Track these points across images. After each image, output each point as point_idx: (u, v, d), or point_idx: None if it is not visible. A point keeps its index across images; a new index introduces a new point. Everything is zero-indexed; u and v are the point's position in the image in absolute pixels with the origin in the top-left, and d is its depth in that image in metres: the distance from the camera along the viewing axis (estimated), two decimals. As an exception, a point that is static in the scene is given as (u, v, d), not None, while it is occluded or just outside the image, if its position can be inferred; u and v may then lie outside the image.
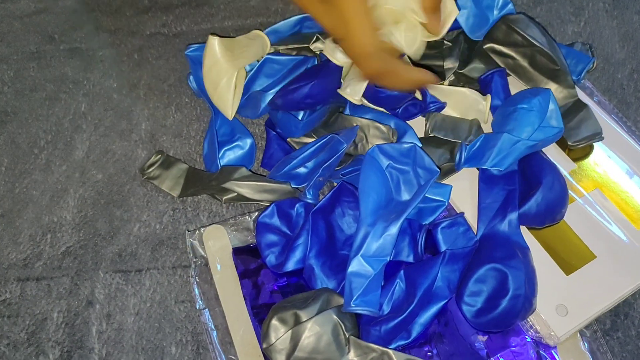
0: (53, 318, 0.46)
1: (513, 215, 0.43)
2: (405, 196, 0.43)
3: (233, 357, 0.42)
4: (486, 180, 0.45)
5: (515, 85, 0.50)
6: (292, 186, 0.47)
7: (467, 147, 0.44)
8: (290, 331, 0.38)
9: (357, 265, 0.41)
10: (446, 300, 0.41)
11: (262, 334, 0.40)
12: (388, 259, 0.41)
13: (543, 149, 0.47)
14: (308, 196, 0.46)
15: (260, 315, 0.43)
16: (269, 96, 0.49)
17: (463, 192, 0.46)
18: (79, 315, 0.46)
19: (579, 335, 0.42)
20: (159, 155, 0.51)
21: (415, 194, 0.42)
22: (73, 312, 0.46)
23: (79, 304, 0.46)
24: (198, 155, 0.52)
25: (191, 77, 0.53)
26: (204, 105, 0.55)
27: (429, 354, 0.41)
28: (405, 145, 0.43)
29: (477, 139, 0.44)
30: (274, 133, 0.51)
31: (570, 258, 0.43)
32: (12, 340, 0.45)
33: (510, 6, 0.52)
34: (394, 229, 0.40)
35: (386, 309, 0.41)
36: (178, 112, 0.54)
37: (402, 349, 0.40)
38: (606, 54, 0.56)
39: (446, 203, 0.44)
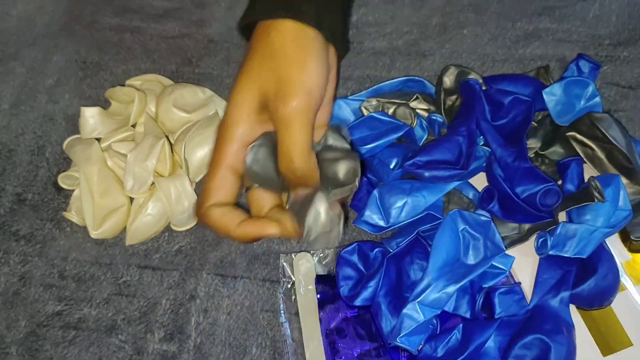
0: (162, 304, 0.56)
1: (565, 294, 0.49)
2: (471, 260, 0.50)
3: (304, 368, 0.50)
4: (547, 257, 0.51)
5: (589, 172, 0.55)
6: (370, 232, 0.55)
7: (552, 237, 0.50)
8: None
9: (411, 309, 0.48)
10: None
11: None
12: (439, 312, 0.48)
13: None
14: (394, 247, 0.54)
15: (330, 336, 0.51)
16: (362, 151, 0.57)
17: (523, 263, 0.52)
18: (182, 306, 0.55)
19: (605, 411, 0.47)
20: None
21: (480, 263, 0.49)
22: (178, 302, 0.56)
23: (184, 296, 0.56)
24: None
25: None
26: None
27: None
28: (483, 218, 0.49)
29: (557, 227, 0.50)
30: (365, 178, 0.59)
31: (610, 340, 0.48)
32: (128, 316, 0.55)
33: (597, 98, 0.57)
34: (452, 289, 0.47)
35: (440, 352, 0.48)
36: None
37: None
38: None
39: (507, 272, 0.50)
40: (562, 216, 0.53)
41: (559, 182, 0.54)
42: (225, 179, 0.45)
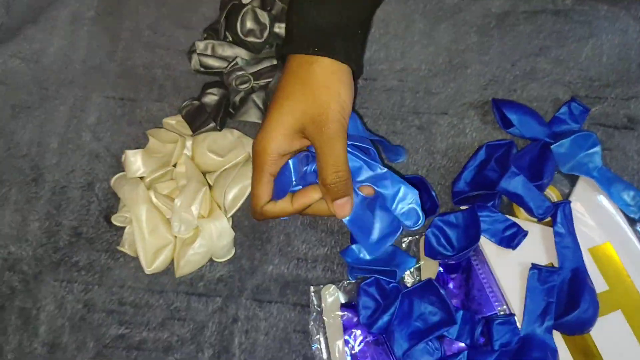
0: (209, 327, 0.65)
1: (549, 323, 0.59)
2: None
3: (333, 385, 0.61)
4: (531, 289, 0.60)
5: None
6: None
7: None
8: None
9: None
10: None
11: None
12: None
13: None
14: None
15: (354, 357, 0.61)
16: None
17: (517, 293, 0.61)
18: (226, 328, 0.65)
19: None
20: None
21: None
22: (223, 325, 0.65)
23: (227, 320, 0.65)
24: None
25: None
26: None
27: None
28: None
29: None
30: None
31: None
32: (181, 337, 0.65)
33: (597, 147, 0.65)
34: None
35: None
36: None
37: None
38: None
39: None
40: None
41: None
42: (268, 183, 0.58)
